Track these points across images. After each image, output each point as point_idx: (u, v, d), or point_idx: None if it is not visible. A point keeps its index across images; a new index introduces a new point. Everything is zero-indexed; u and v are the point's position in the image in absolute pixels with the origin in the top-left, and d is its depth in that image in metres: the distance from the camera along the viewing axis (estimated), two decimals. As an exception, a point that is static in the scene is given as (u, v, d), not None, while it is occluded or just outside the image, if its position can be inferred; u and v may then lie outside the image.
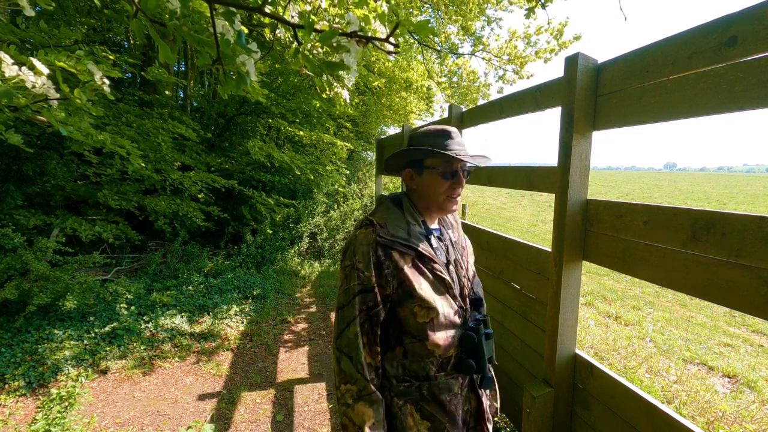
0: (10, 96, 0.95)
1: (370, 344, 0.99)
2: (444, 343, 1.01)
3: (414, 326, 0.99)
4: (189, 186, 4.47)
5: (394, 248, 0.99)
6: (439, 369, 1.03)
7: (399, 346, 1.02)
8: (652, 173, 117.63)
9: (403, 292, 0.99)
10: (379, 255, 0.98)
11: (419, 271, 1.01)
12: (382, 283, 0.98)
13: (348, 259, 1.00)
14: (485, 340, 1.04)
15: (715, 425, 2.51)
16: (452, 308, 1.04)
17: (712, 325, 4.55)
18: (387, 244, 0.98)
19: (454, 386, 1.04)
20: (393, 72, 6.48)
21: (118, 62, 4.54)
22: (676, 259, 1.17)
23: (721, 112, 1.07)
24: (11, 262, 3.20)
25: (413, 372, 1.02)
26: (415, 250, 1.01)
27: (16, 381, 2.75)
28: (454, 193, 1.06)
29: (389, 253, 0.98)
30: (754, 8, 0.98)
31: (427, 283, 1.01)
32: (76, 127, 1.95)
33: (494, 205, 18.40)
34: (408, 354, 1.01)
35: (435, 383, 1.02)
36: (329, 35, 0.75)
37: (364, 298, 0.98)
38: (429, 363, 1.01)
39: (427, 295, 0.99)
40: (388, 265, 0.98)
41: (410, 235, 1.02)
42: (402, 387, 1.02)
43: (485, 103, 2.48)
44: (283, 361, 3.40)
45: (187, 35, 0.76)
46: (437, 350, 1.00)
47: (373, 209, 1.12)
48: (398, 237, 1.00)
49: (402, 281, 0.98)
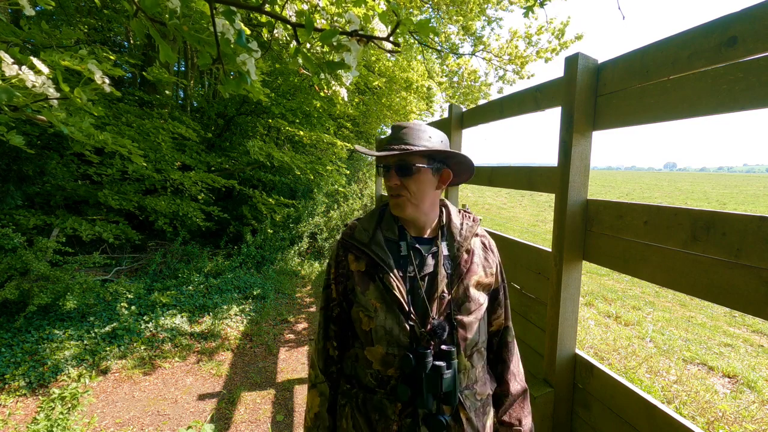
0: (10, 95, 0.95)
1: (326, 336, 1.06)
2: (380, 358, 0.95)
3: (359, 331, 0.99)
4: (189, 186, 4.47)
5: (351, 251, 1.02)
6: (378, 384, 0.96)
7: (353, 348, 1.04)
8: (652, 173, 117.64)
9: (351, 293, 1.01)
10: (339, 254, 1.04)
11: (370, 277, 0.98)
12: (338, 281, 1.03)
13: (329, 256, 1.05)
14: (430, 371, 0.90)
15: (715, 425, 2.51)
16: (398, 324, 0.93)
17: (712, 325, 4.55)
18: (346, 245, 1.03)
19: (387, 409, 0.94)
20: (393, 72, 6.48)
21: (119, 62, 4.54)
22: (677, 259, 1.17)
23: (721, 112, 1.07)
24: (11, 262, 3.21)
25: (357, 377, 1.01)
26: (369, 257, 0.99)
27: (17, 381, 2.76)
28: (389, 190, 1.00)
29: (347, 253, 1.03)
30: (754, 8, 0.98)
31: (376, 292, 0.96)
32: (77, 126, 1.95)
33: (494, 205, 18.40)
34: (357, 358, 1.01)
35: (369, 396, 0.97)
36: (330, 34, 0.76)
37: (327, 293, 1.06)
38: (369, 374, 0.98)
39: (368, 302, 0.96)
40: (344, 266, 1.02)
41: (372, 241, 1.00)
42: (345, 387, 1.03)
43: (485, 103, 2.48)
44: (283, 361, 3.40)
45: (187, 34, 0.76)
46: (375, 364, 0.96)
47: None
48: (356, 240, 1.01)
49: (353, 284, 1.00)
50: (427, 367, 0.90)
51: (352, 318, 1.01)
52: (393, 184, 0.97)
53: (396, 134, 0.99)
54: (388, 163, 0.98)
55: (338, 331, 1.06)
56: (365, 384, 0.99)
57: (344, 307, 1.04)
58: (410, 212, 0.99)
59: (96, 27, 4.95)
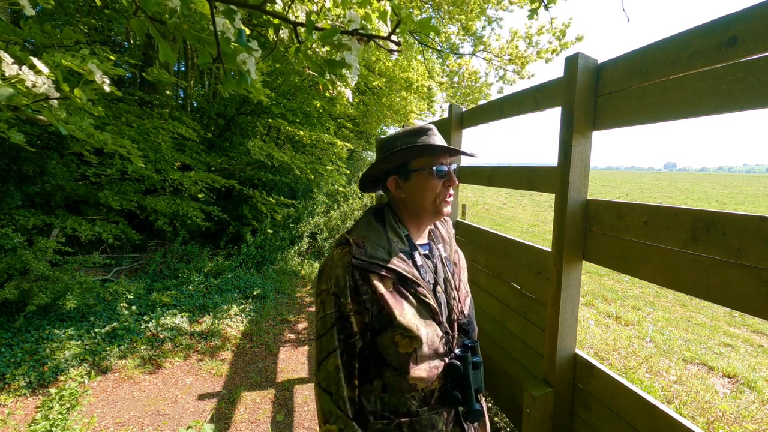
0: (10, 96, 0.95)
1: (349, 378, 0.88)
2: (428, 375, 0.91)
3: (395, 357, 0.89)
4: (189, 186, 4.47)
5: (373, 271, 0.88)
6: (421, 404, 0.92)
7: (378, 379, 0.91)
8: (652, 173, 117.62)
9: (383, 319, 0.88)
10: (356, 279, 0.87)
11: (401, 295, 0.90)
12: (360, 311, 0.87)
13: (324, 283, 0.89)
14: (472, 369, 0.95)
15: (715, 425, 2.51)
16: (438, 335, 0.93)
17: (712, 325, 4.55)
18: (364, 266, 0.87)
19: (438, 422, 0.93)
20: (393, 72, 6.48)
21: (119, 62, 4.54)
22: (677, 259, 1.17)
23: (721, 112, 1.07)
24: (11, 262, 3.21)
25: (393, 407, 0.91)
26: (397, 273, 0.90)
27: (17, 381, 2.75)
28: (448, 193, 0.97)
29: (367, 276, 0.88)
30: (754, 8, 0.98)
31: (411, 309, 0.90)
32: (77, 126, 1.96)
33: (494, 205, 18.40)
34: (387, 388, 0.91)
35: (417, 420, 0.91)
36: (330, 33, 0.76)
37: (342, 327, 0.87)
38: (410, 398, 0.91)
39: (410, 322, 0.88)
40: (366, 290, 0.87)
41: (391, 254, 0.91)
42: (380, 425, 0.91)
43: (485, 102, 2.48)
44: (283, 361, 3.40)
45: (187, 33, 0.76)
46: (420, 384, 0.90)
47: (354, 224, 1.00)
48: (377, 258, 0.89)
49: (382, 308, 0.87)
50: (470, 367, 0.94)
51: (380, 346, 0.90)
52: (454, 185, 0.97)
53: (439, 135, 0.98)
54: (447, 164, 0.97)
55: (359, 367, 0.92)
56: (407, 410, 0.91)
57: (367, 339, 0.90)
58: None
59: (96, 27, 4.95)
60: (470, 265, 2.61)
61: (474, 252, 2.55)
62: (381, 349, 0.90)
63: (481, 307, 2.45)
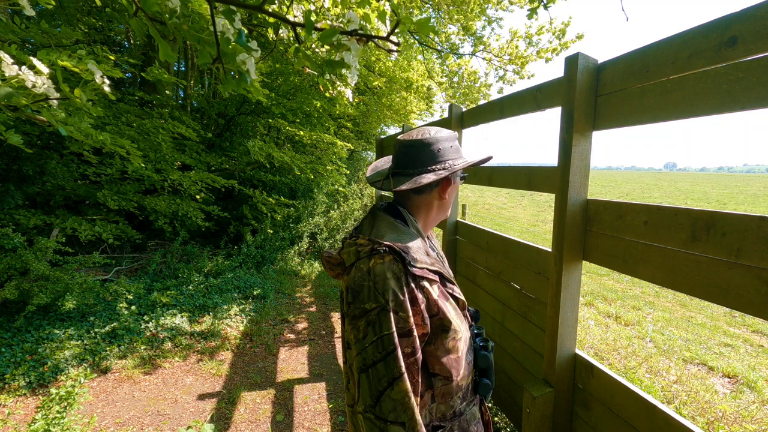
0: (10, 96, 0.95)
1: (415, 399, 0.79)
2: (467, 371, 0.92)
3: (445, 363, 0.85)
4: (189, 186, 4.47)
5: (425, 276, 0.83)
6: (462, 400, 0.92)
7: (428, 391, 0.86)
8: (652, 173, 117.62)
9: (439, 325, 0.84)
10: (412, 289, 0.80)
11: (445, 297, 0.87)
12: (420, 322, 0.80)
13: (372, 301, 0.77)
14: (492, 351, 1.00)
15: (715, 425, 2.51)
16: (467, 329, 0.94)
17: (712, 325, 4.54)
18: (415, 274, 0.81)
19: (477, 412, 0.98)
20: (393, 72, 6.49)
21: (119, 62, 4.54)
22: (677, 259, 1.17)
23: (721, 112, 1.07)
24: (11, 262, 3.21)
25: (441, 414, 0.89)
26: (440, 274, 0.87)
27: (16, 381, 2.76)
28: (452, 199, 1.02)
29: (421, 284, 0.82)
30: (754, 8, 0.98)
31: (452, 309, 0.88)
32: (77, 127, 1.96)
33: (494, 205, 18.40)
34: (436, 398, 0.87)
35: (463, 418, 0.92)
36: (330, 33, 0.75)
37: (409, 342, 0.79)
38: (456, 399, 0.90)
39: (456, 322, 0.87)
40: (423, 299, 0.81)
41: (429, 255, 0.88)
42: None
43: (485, 103, 2.48)
44: (283, 361, 3.40)
45: (187, 33, 0.76)
46: (463, 382, 0.91)
47: (374, 228, 0.88)
48: (425, 262, 0.84)
49: (436, 313, 0.83)
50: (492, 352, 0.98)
51: (429, 356, 0.85)
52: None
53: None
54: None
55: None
56: (453, 412, 0.91)
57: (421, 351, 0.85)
58: None
59: (96, 27, 4.95)
60: (470, 264, 2.61)
61: (474, 252, 2.55)
62: (432, 358, 0.85)
63: (481, 307, 2.44)
